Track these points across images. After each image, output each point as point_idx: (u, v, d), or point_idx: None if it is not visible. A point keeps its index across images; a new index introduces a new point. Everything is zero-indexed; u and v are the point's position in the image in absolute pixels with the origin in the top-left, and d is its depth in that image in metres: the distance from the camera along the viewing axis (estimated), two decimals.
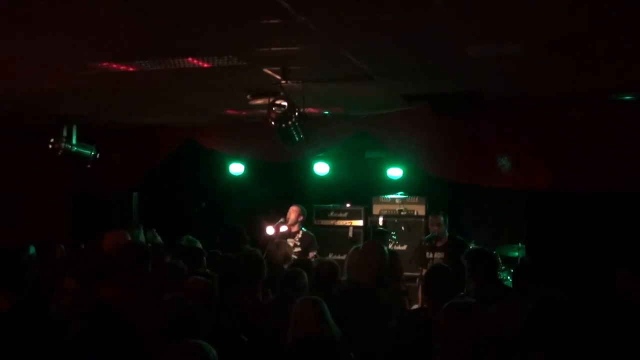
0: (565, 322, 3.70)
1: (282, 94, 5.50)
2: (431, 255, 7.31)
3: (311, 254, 7.76)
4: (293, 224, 7.93)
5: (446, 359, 3.44)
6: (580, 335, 3.46)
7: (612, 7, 3.64)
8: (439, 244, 7.42)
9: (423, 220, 8.54)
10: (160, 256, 5.69)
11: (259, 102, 6.29)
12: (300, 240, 7.92)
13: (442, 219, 7.41)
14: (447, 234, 7.46)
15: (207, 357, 3.08)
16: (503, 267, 7.47)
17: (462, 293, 5.17)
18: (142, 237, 7.28)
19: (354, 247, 6.20)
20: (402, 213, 8.69)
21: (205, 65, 5.02)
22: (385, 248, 5.68)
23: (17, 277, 4.15)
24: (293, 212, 7.93)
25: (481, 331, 3.49)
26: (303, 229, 8.01)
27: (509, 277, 7.22)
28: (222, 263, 5.47)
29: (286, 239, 7.64)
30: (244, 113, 7.73)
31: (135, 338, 3.73)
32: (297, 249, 7.73)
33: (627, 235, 6.80)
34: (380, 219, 8.71)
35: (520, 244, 7.85)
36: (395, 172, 8.87)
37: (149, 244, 6.55)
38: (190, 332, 3.42)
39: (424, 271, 7.15)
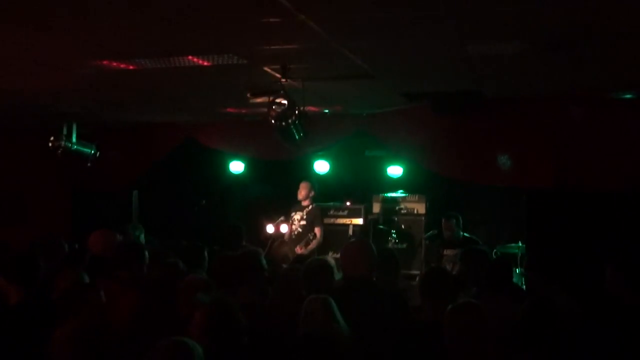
0: (559, 321, 3.70)
1: (282, 92, 5.49)
2: (442, 252, 7.53)
3: (317, 229, 7.94)
4: (305, 199, 8.15)
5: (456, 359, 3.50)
6: (576, 334, 3.47)
7: (612, 5, 3.64)
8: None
9: (423, 218, 8.56)
10: (161, 256, 5.67)
11: (259, 100, 6.28)
12: (307, 213, 8.10)
13: (454, 223, 7.51)
14: (461, 234, 7.61)
15: (192, 353, 3.04)
16: None
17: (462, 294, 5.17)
18: (142, 238, 7.27)
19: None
20: (402, 211, 8.69)
21: (206, 63, 5.02)
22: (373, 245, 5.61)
23: (29, 271, 4.28)
24: (304, 189, 8.15)
25: (487, 330, 3.57)
26: (314, 204, 8.19)
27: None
28: (220, 261, 5.46)
29: (295, 212, 7.88)
30: (243, 111, 7.73)
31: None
32: (302, 222, 7.93)
33: (627, 234, 6.79)
34: (381, 217, 8.72)
35: (520, 243, 7.85)
36: (395, 171, 8.87)
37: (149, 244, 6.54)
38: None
39: None
